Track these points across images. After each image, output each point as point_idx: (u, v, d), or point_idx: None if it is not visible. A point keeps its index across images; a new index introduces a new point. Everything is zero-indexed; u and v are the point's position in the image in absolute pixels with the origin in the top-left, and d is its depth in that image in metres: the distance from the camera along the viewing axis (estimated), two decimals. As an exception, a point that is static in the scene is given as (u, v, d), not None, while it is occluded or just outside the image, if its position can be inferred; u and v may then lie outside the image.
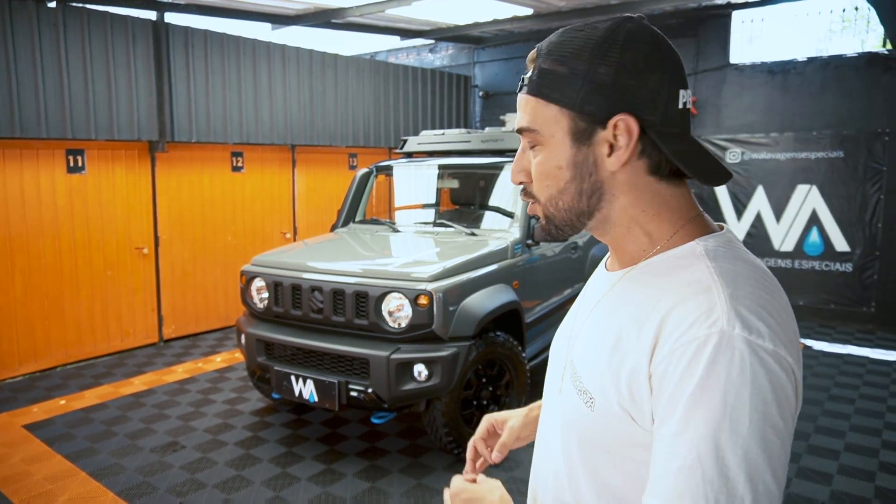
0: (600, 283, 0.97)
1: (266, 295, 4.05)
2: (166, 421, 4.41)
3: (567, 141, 0.86)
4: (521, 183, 0.93)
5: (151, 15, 5.85)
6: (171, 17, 6.03)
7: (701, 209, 0.90)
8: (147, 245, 6.06)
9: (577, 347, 0.92)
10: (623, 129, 0.82)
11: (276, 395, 4.18)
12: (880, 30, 6.93)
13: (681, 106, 0.84)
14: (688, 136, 0.86)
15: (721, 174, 0.85)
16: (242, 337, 4.12)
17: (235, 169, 6.70)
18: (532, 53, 0.89)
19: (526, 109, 0.88)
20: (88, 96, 5.37)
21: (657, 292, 0.81)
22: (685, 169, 0.82)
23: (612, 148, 0.84)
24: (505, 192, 4.71)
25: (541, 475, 1.01)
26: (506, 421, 1.20)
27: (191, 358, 5.82)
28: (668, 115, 0.83)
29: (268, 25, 7.23)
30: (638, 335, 0.79)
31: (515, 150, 4.98)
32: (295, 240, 7.33)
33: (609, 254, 0.99)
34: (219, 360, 5.74)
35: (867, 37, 6.97)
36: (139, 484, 3.56)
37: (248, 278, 4.14)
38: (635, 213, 0.87)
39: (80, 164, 5.55)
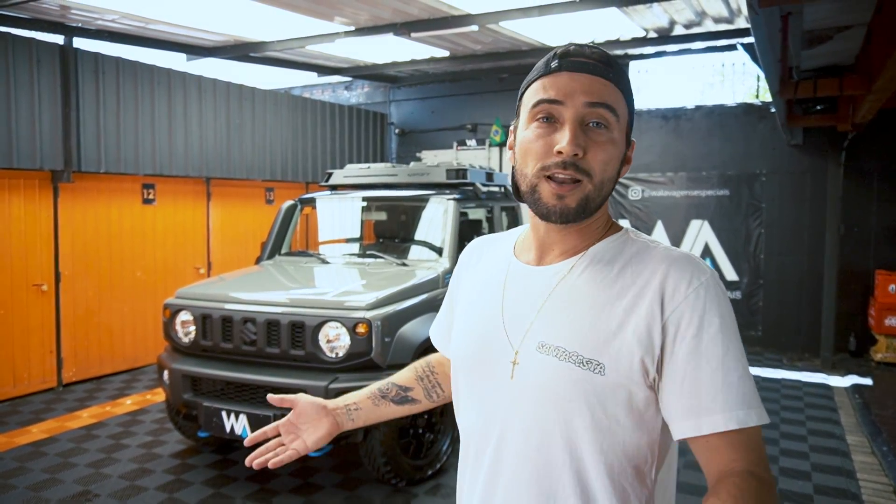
0: (529, 275, 1.04)
1: (192, 329, 3.89)
2: (74, 469, 4.06)
3: (622, 137, 0.99)
4: (574, 155, 0.93)
5: (59, 39, 5.57)
6: (81, 43, 5.78)
7: None
8: (47, 281, 5.62)
9: (547, 329, 0.98)
10: (632, 147, 1.01)
11: (202, 434, 3.97)
12: (749, 83, 7.83)
13: None
14: None
15: None
16: (165, 373, 3.91)
17: (146, 201, 6.40)
18: (588, 50, 0.96)
19: (603, 91, 0.95)
20: (-15, 121, 5.00)
21: (639, 266, 0.97)
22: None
23: (627, 161, 1.02)
24: (432, 223, 4.82)
25: (513, 462, 1.00)
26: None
27: (96, 402, 5.40)
28: None
29: (182, 56, 7.06)
30: (638, 298, 0.94)
31: (441, 185, 5.14)
32: (209, 275, 7.05)
33: (524, 250, 1.08)
34: (129, 403, 5.36)
35: (738, 88, 7.85)
36: (48, 538, 3.26)
37: (173, 312, 3.96)
38: (605, 206, 1.02)
39: (-29, 193, 5.11)
